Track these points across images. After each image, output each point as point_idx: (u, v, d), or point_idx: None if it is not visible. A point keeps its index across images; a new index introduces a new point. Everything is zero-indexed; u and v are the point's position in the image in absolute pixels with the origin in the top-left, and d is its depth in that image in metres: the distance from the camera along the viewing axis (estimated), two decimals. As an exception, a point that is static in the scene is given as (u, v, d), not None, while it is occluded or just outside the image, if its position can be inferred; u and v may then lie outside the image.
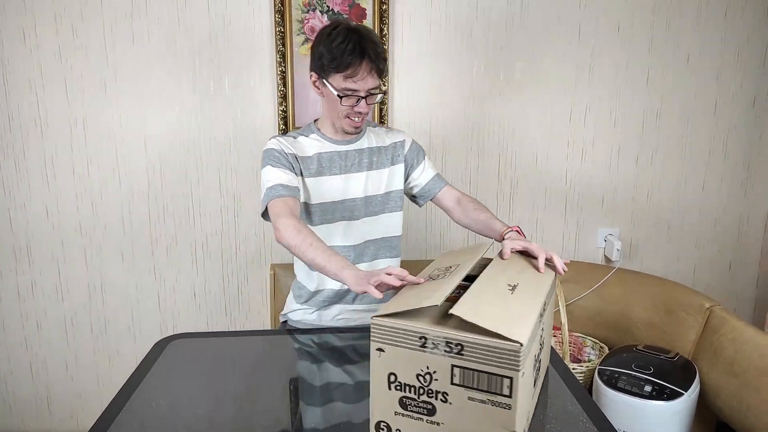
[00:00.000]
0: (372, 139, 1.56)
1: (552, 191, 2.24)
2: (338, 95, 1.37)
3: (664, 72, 2.15)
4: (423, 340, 0.89)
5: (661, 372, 1.63)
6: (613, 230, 2.27)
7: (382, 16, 2.02)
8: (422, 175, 1.59)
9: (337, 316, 1.60)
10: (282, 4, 2.00)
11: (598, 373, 1.71)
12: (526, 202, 2.24)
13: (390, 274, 1.10)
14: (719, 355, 1.66)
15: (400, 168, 1.57)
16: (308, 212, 1.51)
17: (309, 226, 1.49)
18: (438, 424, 0.91)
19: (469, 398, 0.88)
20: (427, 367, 0.89)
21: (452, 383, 0.88)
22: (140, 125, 2.09)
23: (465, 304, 0.89)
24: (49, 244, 2.14)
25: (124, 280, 2.20)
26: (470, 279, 1.09)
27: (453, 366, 0.88)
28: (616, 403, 1.62)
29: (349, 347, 1.49)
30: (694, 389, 1.61)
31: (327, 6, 2.02)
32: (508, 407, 0.85)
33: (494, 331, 0.83)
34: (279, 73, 2.05)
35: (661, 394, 1.58)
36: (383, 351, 0.92)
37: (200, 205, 2.16)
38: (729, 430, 1.67)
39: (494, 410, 0.86)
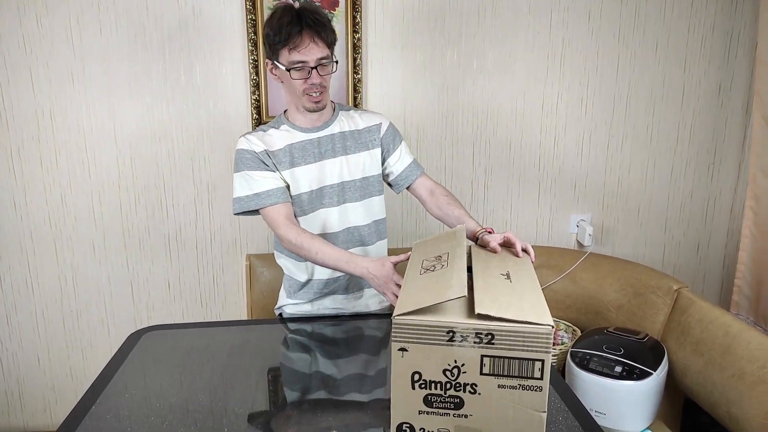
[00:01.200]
0: (344, 123, 1.53)
1: (525, 178, 2.27)
2: (287, 69, 1.37)
3: (633, 60, 2.19)
4: (451, 333, 0.87)
5: (631, 353, 1.67)
6: (585, 216, 2.31)
7: (355, 4, 2.01)
8: (398, 162, 1.58)
9: (330, 306, 1.60)
10: (253, -8, 1.98)
11: (571, 355, 1.75)
12: (500, 189, 2.27)
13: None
14: (686, 335, 1.71)
15: (376, 152, 1.55)
16: (293, 203, 1.50)
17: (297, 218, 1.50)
18: (466, 416, 0.91)
19: (500, 386, 0.88)
20: (455, 361, 0.89)
21: (482, 373, 0.88)
22: (109, 116, 2.05)
23: (483, 302, 0.89)
24: (18, 237, 2.10)
25: (96, 273, 2.17)
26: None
27: (483, 356, 0.88)
28: (588, 384, 1.66)
29: (340, 338, 1.50)
30: (663, 369, 1.66)
31: (299, -7, 2.00)
32: (540, 389, 0.87)
33: (524, 320, 0.85)
34: (251, 61, 2.03)
35: (631, 374, 1.62)
36: (406, 350, 0.90)
37: (173, 195, 2.13)
38: (696, 407, 1.72)
39: (525, 394, 0.88)
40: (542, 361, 0.86)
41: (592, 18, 2.14)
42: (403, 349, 0.89)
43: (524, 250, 1.20)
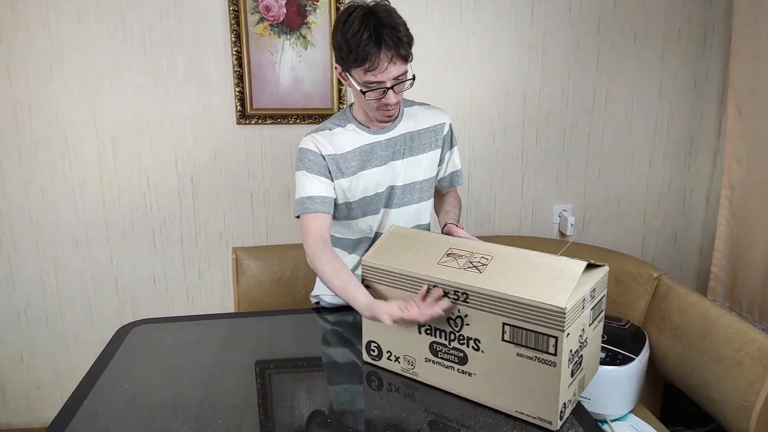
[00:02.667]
0: (410, 122, 1.46)
1: (508, 169, 2.30)
2: (361, 90, 1.28)
3: (612, 52, 2.22)
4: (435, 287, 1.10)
5: (614, 339, 1.72)
6: (567, 206, 2.35)
7: (339, -4, 2.01)
8: (450, 165, 1.55)
9: None
10: (236, -17, 1.96)
11: (555, 343, 1.78)
12: (484, 180, 2.29)
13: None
14: (666, 321, 1.76)
15: (437, 153, 1.50)
16: (350, 209, 1.45)
17: (349, 222, 1.47)
18: (469, 374, 1.09)
19: (518, 354, 1.01)
20: (459, 310, 1.07)
21: (503, 340, 1.02)
22: (90, 107, 2.02)
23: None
24: (-3, 233, 2.07)
25: (78, 268, 2.14)
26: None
27: (504, 324, 1.01)
28: (572, 370, 1.70)
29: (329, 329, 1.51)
30: (644, 354, 1.71)
31: (282, -15, 1.99)
32: (553, 364, 0.98)
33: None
34: (234, 53, 2.01)
35: (614, 359, 1.66)
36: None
37: (156, 188, 2.11)
38: (675, 391, 1.78)
39: (541, 367, 1.00)
40: (556, 338, 0.97)
41: (572, 10, 2.17)
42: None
43: None
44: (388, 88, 1.27)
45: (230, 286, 2.21)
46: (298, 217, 1.40)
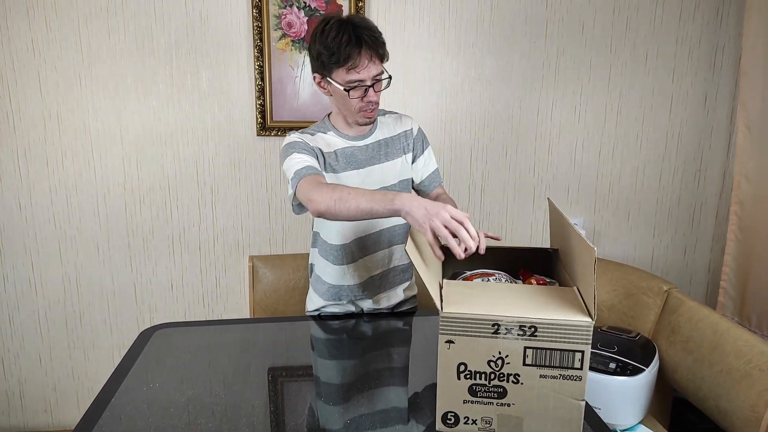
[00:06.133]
0: (384, 130, 1.55)
1: (520, 183, 2.34)
2: (345, 89, 1.35)
3: (624, 70, 2.27)
4: (496, 326, 0.93)
5: (624, 350, 1.74)
6: (578, 219, 2.39)
7: (358, 13, 2.08)
8: (424, 168, 1.60)
9: (371, 307, 1.62)
10: (259, 0, 2.03)
11: (566, 353, 1.80)
12: (497, 193, 2.34)
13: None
14: (676, 333, 1.78)
15: (409, 156, 1.57)
16: None
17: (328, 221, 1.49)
18: (508, 405, 0.96)
19: (541, 376, 0.94)
20: (499, 352, 0.94)
21: (524, 364, 0.94)
22: (116, 118, 2.09)
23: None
24: (22, 237, 2.12)
25: (99, 273, 2.19)
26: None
27: (526, 348, 0.93)
28: (583, 381, 1.72)
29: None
30: (654, 365, 1.73)
31: (304, 2, 2.06)
32: (579, 378, 0.93)
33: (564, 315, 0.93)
34: (257, 67, 2.08)
35: (624, 370, 1.69)
36: (453, 342, 0.94)
37: (177, 197, 2.17)
38: (684, 404, 1.79)
39: (565, 383, 0.93)
40: (582, 351, 0.91)
41: (585, 29, 2.22)
42: (450, 341, 0.94)
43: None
44: (369, 86, 1.36)
45: (246, 294, 2.26)
46: (295, 206, 1.39)
